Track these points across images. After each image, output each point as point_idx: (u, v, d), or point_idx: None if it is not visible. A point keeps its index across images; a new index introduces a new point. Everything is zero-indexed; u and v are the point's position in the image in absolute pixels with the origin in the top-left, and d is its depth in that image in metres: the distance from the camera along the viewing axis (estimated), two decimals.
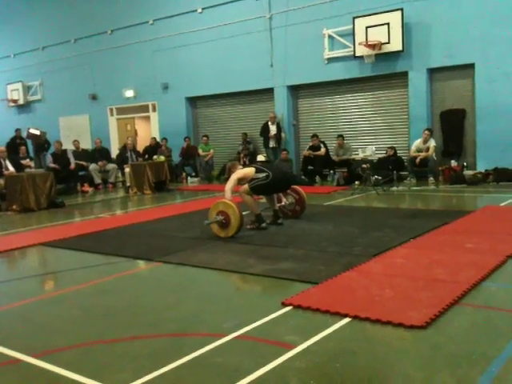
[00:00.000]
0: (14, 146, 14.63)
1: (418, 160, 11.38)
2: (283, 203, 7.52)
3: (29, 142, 15.80)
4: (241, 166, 7.36)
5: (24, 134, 15.93)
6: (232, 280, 4.89)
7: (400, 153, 12.21)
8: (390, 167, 11.61)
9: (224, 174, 14.65)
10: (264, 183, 6.80)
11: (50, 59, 18.76)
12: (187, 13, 15.23)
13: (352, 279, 4.42)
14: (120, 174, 14.07)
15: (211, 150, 14.93)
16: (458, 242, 5.57)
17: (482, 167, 11.16)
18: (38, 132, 15.20)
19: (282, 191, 7.35)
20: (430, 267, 4.65)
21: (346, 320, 3.51)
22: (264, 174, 6.82)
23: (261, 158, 13.27)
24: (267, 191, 7.08)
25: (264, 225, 6.82)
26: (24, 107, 20.11)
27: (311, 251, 5.52)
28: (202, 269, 5.11)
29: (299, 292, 4.12)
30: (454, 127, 11.79)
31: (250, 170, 6.98)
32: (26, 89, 19.89)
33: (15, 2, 19.68)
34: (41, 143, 15.48)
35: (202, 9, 14.98)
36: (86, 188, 13.35)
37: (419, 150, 11.49)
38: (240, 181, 6.90)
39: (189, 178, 14.70)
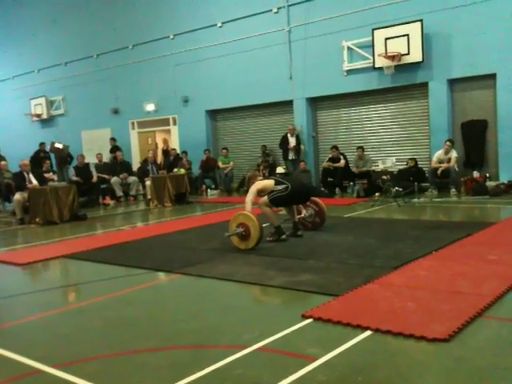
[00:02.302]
0: (38, 159, 14.89)
1: (439, 171, 11.27)
2: (303, 215, 7.50)
3: (52, 156, 16.07)
4: (261, 177, 7.37)
5: (47, 148, 16.21)
6: (252, 292, 4.87)
7: (421, 164, 12.11)
8: (411, 178, 11.51)
9: (244, 186, 14.70)
10: (283, 195, 6.79)
11: (73, 74, 19.12)
12: (207, 27, 15.41)
13: (373, 292, 4.38)
14: (141, 187, 14.21)
15: (231, 163, 15.00)
16: (481, 253, 5.48)
17: (504, 178, 11.00)
18: (61, 146, 15.46)
19: (302, 203, 7.33)
20: (453, 279, 4.59)
21: (368, 333, 3.47)
22: (283, 186, 6.82)
23: (280, 170, 13.29)
24: (287, 203, 7.07)
25: (284, 237, 6.81)
26: (47, 121, 20.49)
27: (331, 263, 5.49)
28: (222, 281, 5.11)
29: (319, 304, 4.09)
30: (475, 138, 11.66)
31: (269, 182, 6.99)
32: (50, 103, 20.28)
33: (39, 19, 20.14)
34: (64, 157, 15.75)
35: (222, 23, 15.14)
36: (108, 201, 13.49)
37: (441, 161, 11.38)
38: (259, 192, 6.91)
39: (208, 190, 14.77)
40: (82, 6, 18.60)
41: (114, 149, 16.04)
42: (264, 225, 6.59)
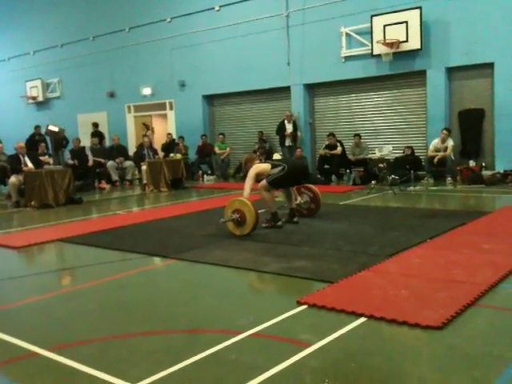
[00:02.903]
0: (33, 142, 14.81)
1: (435, 160, 11.28)
2: (298, 202, 7.51)
3: (48, 139, 15.98)
4: (258, 161, 7.34)
5: (43, 131, 16.12)
6: (247, 278, 4.89)
7: (418, 152, 12.12)
8: (408, 167, 11.54)
9: (240, 172, 14.71)
10: (281, 175, 6.77)
11: (69, 57, 18.94)
12: (204, 11, 15.28)
13: (368, 279, 4.40)
14: (137, 172, 14.18)
15: (227, 148, 14.97)
16: (476, 242, 5.51)
17: (500, 167, 11.03)
18: (56, 129, 15.37)
19: (301, 182, 7.32)
20: (447, 268, 4.61)
21: (362, 320, 3.49)
22: (279, 168, 6.81)
23: (277, 156, 13.25)
24: (286, 183, 7.02)
25: (280, 223, 6.82)
26: (43, 104, 20.35)
27: (327, 250, 5.51)
28: (217, 266, 5.12)
29: (314, 291, 4.12)
30: (472, 127, 11.67)
31: (266, 166, 6.96)
32: (45, 86, 20.13)
33: (37, 2, 19.89)
34: (59, 140, 15.66)
35: (220, 6, 15.00)
36: (104, 185, 13.47)
37: (437, 150, 11.39)
38: (257, 176, 6.90)
39: (205, 175, 14.75)
40: None
41: (95, 134, 15.79)
42: (260, 211, 6.60)
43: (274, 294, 4.51)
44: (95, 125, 16.89)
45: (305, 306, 3.79)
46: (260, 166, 6.98)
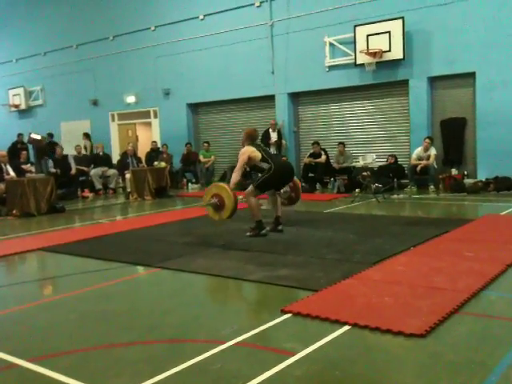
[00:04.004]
0: (16, 150, 14.65)
1: (418, 168, 11.38)
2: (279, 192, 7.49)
3: (30, 147, 15.83)
4: (253, 147, 6.96)
5: (25, 139, 15.96)
6: (231, 286, 4.86)
7: (401, 161, 12.22)
8: (391, 175, 11.62)
9: (225, 179, 14.68)
10: (267, 177, 6.75)
11: (52, 64, 18.83)
12: (189, 19, 15.29)
13: (352, 287, 4.41)
14: (121, 180, 14.08)
15: (212, 157, 14.95)
16: (458, 250, 5.56)
17: (482, 176, 11.16)
18: (39, 137, 15.24)
19: (286, 183, 7.30)
20: (430, 275, 4.64)
21: (346, 328, 3.49)
22: (267, 166, 6.77)
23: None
24: (273, 185, 6.96)
25: (264, 232, 6.80)
26: (25, 112, 20.15)
27: (311, 258, 5.50)
28: (201, 275, 5.09)
29: (299, 299, 4.11)
30: (454, 135, 11.80)
31: (257, 154, 6.84)
32: (28, 94, 19.94)
33: (17, 7, 19.78)
34: (42, 148, 15.51)
35: (204, 16, 15.04)
36: (87, 193, 13.34)
37: (420, 158, 11.50)
38: (248, 161, 6.83)
39: (189, 184, 14.70)
40: None
41: (49, 146, 15.44)
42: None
43: (258, 303, 4.49)
44: (50, 135, 16.62)
45: (289, 315, 3.78)
46: (253, 151, 6.85)
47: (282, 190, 7.54)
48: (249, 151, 6.84)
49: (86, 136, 16.49)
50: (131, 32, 16.58)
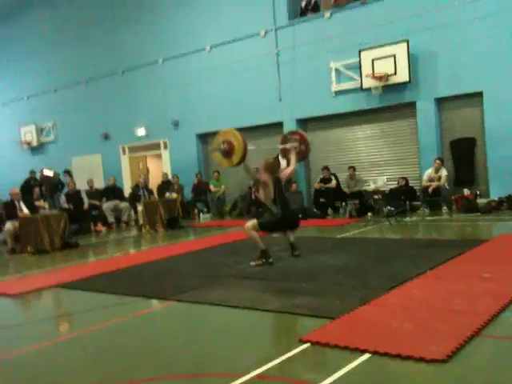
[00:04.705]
0: (29, 187, 14.79)
1: (430, 189, 11.32)
2: (288, 147, 7.52)
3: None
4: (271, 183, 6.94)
5: (38, 176, 16.13)
6: (247, 317, 4.82)
7: (412, 183, 12.18)
8: (403, 197, 11.57)
9: (236, 208, 14.71)
10: (272, 220, 6.80)
11: (63, 100, 19.15)
12: (196, 52, 15.55)
13: (369, 313, 4.36)
14: (133, 213, 14.15)
15: (222, 186, 15.00)
16: (475, 271, 5.49)
17: (495, 195, 11.08)
18: (51, 173, 15.39)
19: (290, 229, 7.21)
20: (448, 298, 4.58)
21: (366, 355, 3.44)
22: (276, 210, 6.79)
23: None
24: (275, 228, 7.02)
25: (270, 260, 6.75)
26: (37, 148, 20.44)
27: (327, 285, 5.46)
28: (217, 306, 5.06)
29: (316, 328, 4.06)
30: (464, 156, 11.78)
31: (271, 190, 6.82)
32: (39, 130, 20.25)
33: (28, 45, 20.24)
34: (54, 184, 15.65)
35: (211, 47, 15.29)
36: (100, 227, 13.42)
37: (431, 180, 11.45)
38: (260, 181, 6.83)
39: (201, 214, 14.72)
40: (71, 33, 18.74)
41: (28, 184, 15.15)
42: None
43: (276, 333, 4.45)
44: (33, 172, 16.50)
45: (308, 344, 3.74)
46: (269, 187, 6.79)
47: (289, 145, 7.55)
48: (269, 183, 6.81)
49: (68, 173, 16.44)
50: (140, 66, 16.88)
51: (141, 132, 17.23)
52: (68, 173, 16.32)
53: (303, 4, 13.84)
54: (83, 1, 18.30)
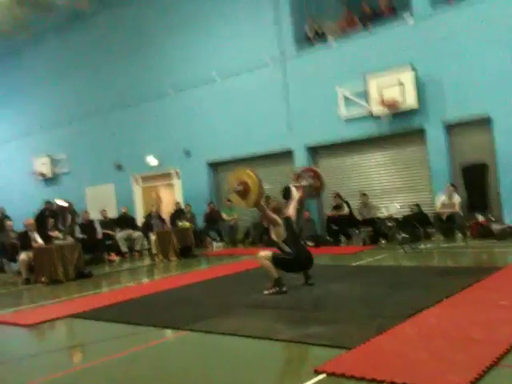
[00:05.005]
0: (43, 218, 14.91)
1: (444, 216, 11.24)
2: (303, 184, 7.58)
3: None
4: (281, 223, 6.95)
5: (52, 206, 16.26)
6: (261, 347, 4.76)
7: (424, 209, 12.10)
8: (416, 224, 11.49)
9: (248, 237, 14.69)
10: (287, 259, 6.77)
11: (77, 132, 19.44)
12: (205, 82, 15.76)
13: (386, 342, 4.30)
14: (146, 242, 14.19)
15: (235, 214, 15.01)
16: (492, 299, 5.41)
17: (509, 220, 10.96)
18: (65, 204, 15.52)
19: (304, 270, 7.17)
20: (466, 327, 4.52)
21: None
22: (287, 250, 6.78)
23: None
24: (289, 268, 6.92)
25: (284, 289, 6.70)
26: (51, 180, 20.66)
27: (341, 314, 5.41)
28: (231, 336, 5.02)
29: (332, 358, 4.01)
30: (476, 181, 11.71)
31: (282, 230, 6.84)
32: (53, 162, 20.50)
33: (42, 77, 20.65)
34: (69, 214, 15.76)
35: (220, 77, 15.50)
36: (113, 257, 13.45)
37: (444, 206, 11.38)
38: (270, 220, 6.82)
39: (213, 242, 14.71)
40: (84, 66, 19.10)
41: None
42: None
43: (290, 364, 4.39)
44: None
45: (323, 375, 3.69)
46: (281, 227, 6.81)
47: (306, 183, 7.62)
48: (279, 222, 6.82)
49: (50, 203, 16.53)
50: (151, 97, 17.13)
51: (153, 162, 17.38)
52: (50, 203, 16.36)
53: (310, 33, 14.03)
54: (96, 34, 18.71)
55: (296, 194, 7.57)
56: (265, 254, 6.85)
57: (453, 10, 11.69)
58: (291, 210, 7.26)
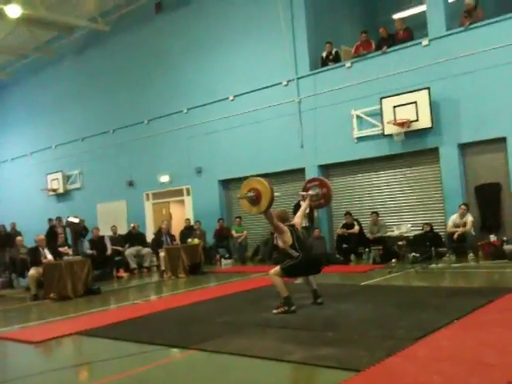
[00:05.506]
0: (54, 234, 14.99)
1: (456, 236, 11.11)
2: (310, 193, 7.69)
3: (67, 230, 16.18)
4: (287, 230, 6.98)
5: (63, 222, 16.36)
6: (270, 368, 4.68)
7: (436, 228, 11.99)
8: (428, 244, 11.36)
9: (258, 254, 14.63)
10: (295, 263, 6.77)
11: (90, 149, 19.62)
12: (219, 101, 15.86)
13: (397, 365, 4.21)
14: (155, 258, 14.17)
15: (244, 231, 14.98)
16: (505, 321, 5.32)
17: None
18: (76, 220, 15.61)
19: (314, 273, 7.19)
20: (478, 349, 4.42)
21: None
22: (295, 254, 6.79)
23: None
24: (299, 272, 7.01)
25: (293, 308, 6.65)
26: (63, 195, 20.81)
27: (351, 334, 5.32)
28: (239, 356, 4.95)
29: (341, 380, 3.93)
30: (490, 201, 11.59)
31: (288, 236, 6.86)
32: (66, 178, 20.67)
33: (56, 95, 20.94)
34: (79, 230, 15.85)
35: (234, 96, 15.58)
36: (122, 273, 13.43)
37: (456, 226, 11.25)
38: (277, 228, 6.85)
39: (223, 259, 14.67)
40: (98, 84, 19.35)
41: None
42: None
43: None
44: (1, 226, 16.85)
45: None
46: (287, 234, 6.86)
47: (313, 192, 7.72)
48: (285, 230, 6.88)
49: (52, 220, 16.55)
50: (165, 115, 17.26)
51: (164, 179, 17.45)
52: (54, 220, 16.48)
53: (324, 54, 14.08)
54: (112, 54, 18.96)
55: (304, 204, 7.79)
56: (275, 270, 6.85)
57: (468, 32, 11.68)
58: (297, 219, 7.40)
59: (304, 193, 7.86)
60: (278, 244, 7.74)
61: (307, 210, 13.35)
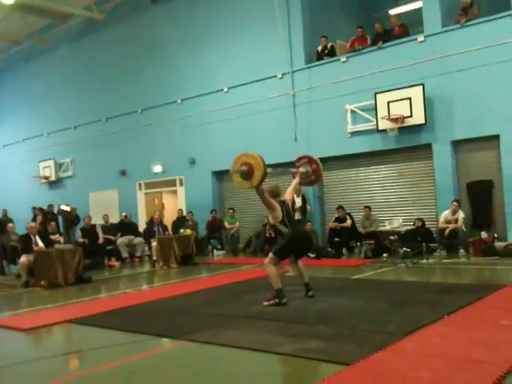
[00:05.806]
0: (45, 221, 14.93)
1: (447, 232, 11.18)
2: (300, 170, 7.82)
3: (59, 217, 16.14)
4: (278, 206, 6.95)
5: (55, 210, 16.31)
6: (260, 360, 4.70)
7: (428, 224, 12.05)
8: (419, 239, 11.42)
9: (250, 246, 14.65)
10: (285, 243, 6.80)
11: (82, 137, 19.51)
12: (214, 92, 15.80)
13: (386, 360, 4.24)
14: (147, 248, 14.16)
15: (237, 223, 14.99)
16: (494, 318, 5.36)
17: None
18: (68, 208, 15.55)
19: (305, 251, 7.24)
20: (467, 346, 4.46)
21: None
22: (285, 230, 6.80)
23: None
24: (290, 252, 7.01)
25: (284, 300, 6.68)
26: (55, 183, 20.71)
27: (341, 328, 5.35)
28: (229, 348, 4.97)
29: (330, 374, 3.95)
30: (481, 198, 11.66)
31: (279, 212, 6.85)
32: (58, 166, 20.57)
33: (49, 84, 20.78)
34: (71, 219, 15.80)
35: (228, 88, 15.53)
36: (113, 262, 13.40)
37: (448, 222, 11.32)
38: (268, 204, 6.82)
39: (215, 250, 14.68)
40: (92, 72, 19.22)
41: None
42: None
43: (288, 378, 4.34)
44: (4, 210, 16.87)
45: None
46: (278, 210, 6.84)
47: (303, 170, 7.86)
48: (276, 206, 6.87)
49: (36, 209, 16.51)
50: (159, 105, 17.18)
51: (157, 169, 17.41)
52: (36, 209, 16.43)
53: (319, 48, 14.05)
54: (104, 43, 18.83)
55: (294, 181, 7.88)
56: (269, 257, 6.88)
57: (463, 29, 11.68)
58: (288, 195, 7.46)
59: (294, 169, 7.88)
60: (270, 234, 7.77)
61: (299, 204, 13.46)
